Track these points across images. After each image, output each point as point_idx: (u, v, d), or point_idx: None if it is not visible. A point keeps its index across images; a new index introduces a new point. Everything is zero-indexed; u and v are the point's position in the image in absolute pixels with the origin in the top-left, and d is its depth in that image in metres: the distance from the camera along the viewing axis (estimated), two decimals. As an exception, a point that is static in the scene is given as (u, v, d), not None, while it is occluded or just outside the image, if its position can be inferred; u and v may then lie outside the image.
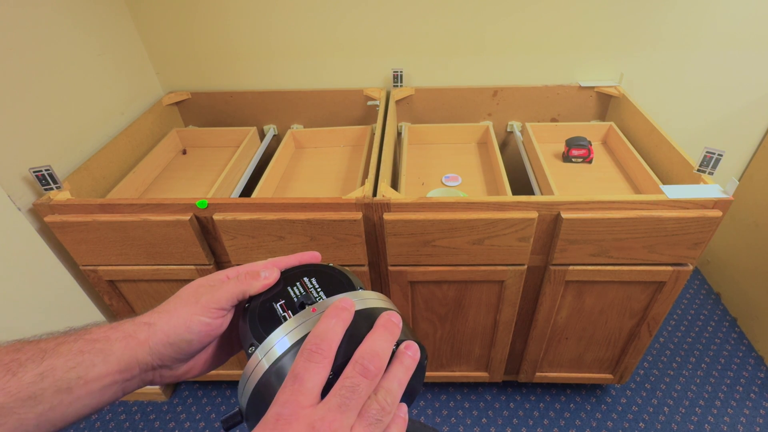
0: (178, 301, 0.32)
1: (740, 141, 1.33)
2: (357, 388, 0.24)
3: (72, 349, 0.29)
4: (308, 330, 0.27)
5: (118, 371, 0.29)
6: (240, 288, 0.32)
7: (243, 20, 1.16)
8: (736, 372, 1.29)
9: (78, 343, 0.29)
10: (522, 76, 1.23)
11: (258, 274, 0.32)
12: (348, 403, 0.23)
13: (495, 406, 1.24)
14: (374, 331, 0.27)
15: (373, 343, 0.26)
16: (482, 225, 0.80)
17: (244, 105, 1.29)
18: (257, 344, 0.28)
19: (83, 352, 0.29)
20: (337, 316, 0.26)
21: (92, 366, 0.29)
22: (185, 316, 0.31)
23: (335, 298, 0.30)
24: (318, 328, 0.26)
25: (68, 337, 0.30)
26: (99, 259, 0.90)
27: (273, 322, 0.29)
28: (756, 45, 1.14)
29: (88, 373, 0.28)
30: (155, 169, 1.13)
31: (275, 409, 0.24)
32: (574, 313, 0.98)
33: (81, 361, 0.28)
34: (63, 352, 0.28)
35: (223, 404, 1.26)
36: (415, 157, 1.17)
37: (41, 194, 0.87)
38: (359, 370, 0.24)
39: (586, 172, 1.07)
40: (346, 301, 0.28)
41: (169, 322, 0.31)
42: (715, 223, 0.78)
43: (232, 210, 0.83)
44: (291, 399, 0.24)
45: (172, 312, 0.31)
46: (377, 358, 0.25)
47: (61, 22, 0.95)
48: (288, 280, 0.32)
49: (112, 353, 0.29)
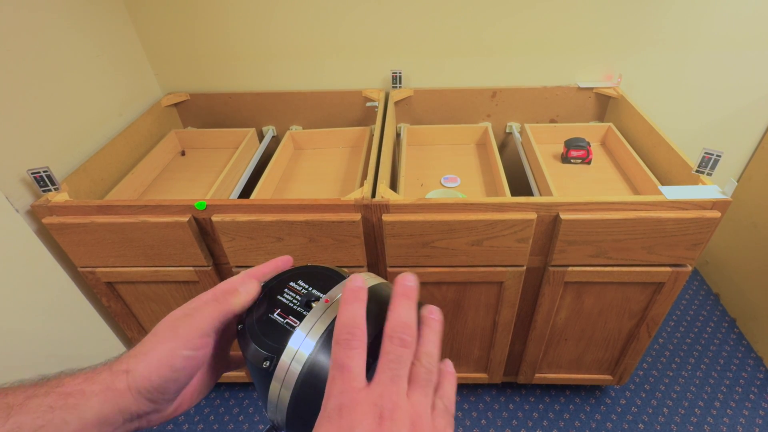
0: (155, 340, 0.29)
1: (739, 142, 1.33)
2: (401, 359, 0.25)
3: (42, 404, 0.26)
4: (328, 322, 0.27)
5: (96, 425, 0.27)
6: (220, 309, 0.30)
7: (242, 21, 1.16)
8: (735, 372, 1.29)
9: (49, 398, 0.26)
10: (521, 77, 1.23)
11: (236, 291, 0.30)
12: (398, 374, 0.24)
13: (494, 407, 1.24)
14: (397, 302, 0.27)
15: (401, 314, 0.26)
16: (481, 226, 0.80)
17: (243, 106, 1.29)
18: (275, 356, 0.27)
19: (54, 409, 0.26)
20: (356, 298, 0.26)
21: (64, 424, 0.26)
22: (165, 354, 0.28)
23: (342, 284, 0.29)
24: (344, 316, 0.26)
25: (38, 389, 0.27)
26: (97, 260, 0.90)
27: (280, 331, 0.29)
28: (754, 46, 1.14)
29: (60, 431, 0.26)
30: (154, 171, 1.13)
31: (333, 401, 0.24)
32: (573, 314, 0.98)
33: (51, 419, 0.26)
34: (32, 408, 0.26)
35: (222, 407, 1.26)
36: (414, 158, 1.17)
37: (39, 196, 0.86)
38: (398, 343, 0.25)
39: (585, 173, 1.07)
40: (357, 280, 0.27)
41: (149, 365, 0.28)
42: (713, 223, 0.78)
43: (230, 211, 0.83)
44: (346, 387, 0.24)
45: (149, 353, 0.29)
46: (408, 327, 0.26)
47: (59, 24, 0.95)
48: (274, 291, 0.32)
49: (88, 408, 0.27)
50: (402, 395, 0.24)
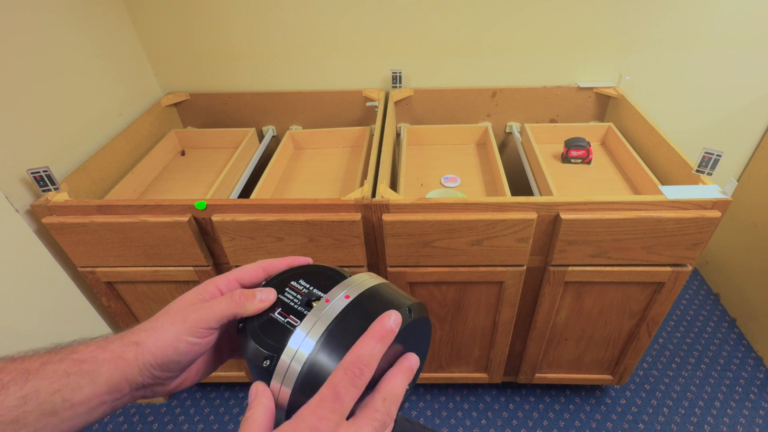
0: (166, 319, 0.31)
1: (739, 141, 1.33)
2: (385, 425, 0.26)
3: (57, 370, 0.28)
4: (328, 322, 0.27)
5: (106, 392, 0.29)
6: (232, 310, 0.30)
7: (242, 21, 1.16)
8: (735, 372, 1.29)
9: (64, 364, 0.28)
10: (521, 77, 1.23)
11: (254, 296, 0.31)
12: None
13: (494, 407, 1.24)
14: (396, 372, 0.28)
15: (396, 386, 0.27)
16: (481, 226, 0.80)
17: (243, 106, 1.29)
18: (275, 355, 0.27)
19: (69, 374, 0.28)
20: (383, 339, 0.26)
21: (78, 389, 0.28)
22: (172, 336, 0.30)
23: (344, 283, 0.30)
24: (364, 350, 0.26)
25: (53, 356, 0.28)
26: (97, 260, 0.90)
27: (280, 330, 0.29)
28: (754, 45, 1.14)
29: (75, 396, 0.27)
30: (154, 171, 1.13)
31: (311, 420, 0.24)
32: (574, 313, 0.98)
33: (66, 383, 0.27)
34: (48, 373, 0.27)
35: (222, 407, 1.26)
36: (414, 158, 1.17)
37: (39, 195, 0.86)
38: (387, 409, 0.26)
39: (585, 173, 1.07)
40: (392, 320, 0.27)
41: (156, 342, 0.29)
42: (713, 223, 0.78)
43: (230, 211, 0.83)
44: (330, 416, 0.24)
45: (159, 330, 0.30)
46: (398, 401, 0.27)
47: (59, 23, 0.95)
48: (275, 289, 0.32)
49: (99, 375, 0.28)
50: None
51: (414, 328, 0.29)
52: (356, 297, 0.28)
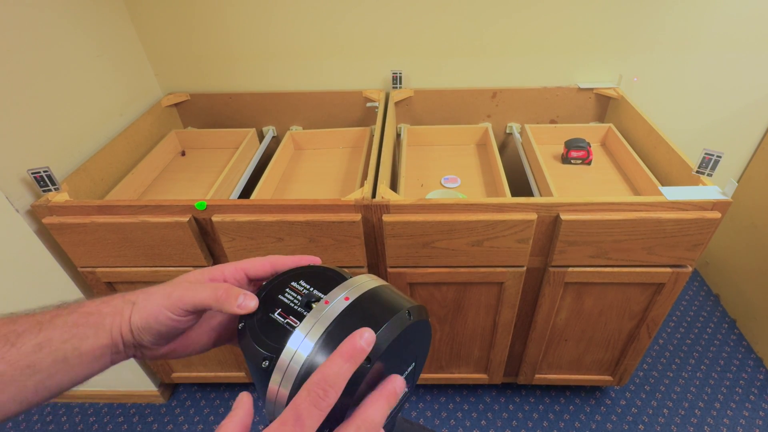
0: (162, 287, 0.32)
1: (739, 142, 1.33)
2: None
3: (67, 321, 0.30)
4: (327, 324, 0.27)
5: (108, 344, 0.31)
6: (209, 302, 0.31)
7: (242, 22, 1.16)
8: (736, 373, 1.29)
9: (73, 316, 0.30)
10: (521, 77, 1.23)
11: (235, 298, 0.30)
12: None
13: (494, 408, 1.24)
14: (377, 399, 0.26)
15: (375, 413, 0.25)
16: (481, 226, 0.80)
17: (243, 106, 1.29)
18: (275, 356, 0.27)
19: (78, 325, 0.30)
20: (351, 358, 0.24)
21: (86, 338, 0.30)
22: (156, 305, 0.31)
23: (344, 285, 0.30)
24: (329, 369, 0.24)
25: (63, 310, 0.31)
26: (97, 260, 0.90)
27: (280, 331, 0.29)
28: (754, 46, 1.14)
29: (82, 344, 0.30)
30: (154, 171, 1.13)
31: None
32: (574, 314, 0.98)
33: (76, 333, 0.30)
34: (59, 324, 0.30)
35: (222, 407, 1.26)
36: (414, 159, 1.17)
37: (39, 196, 0.86)
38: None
39: (585, 174, 1.07)
40: (362, 338, 0.25)
41: (146, 307, 0.31)
42: (714, 224, 0.78)
43: (230, 211, 0.83)
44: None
45: (151, 297, 0.32)
46: (377, 428, 0.25)
47: (59, 23, 0.95)
48: (275, 290, 0.32)
49: (103, 327, 0.31)
50: None
51: (413, 331, 0.29)
52: (355, 299, 0.28)
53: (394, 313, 0.28)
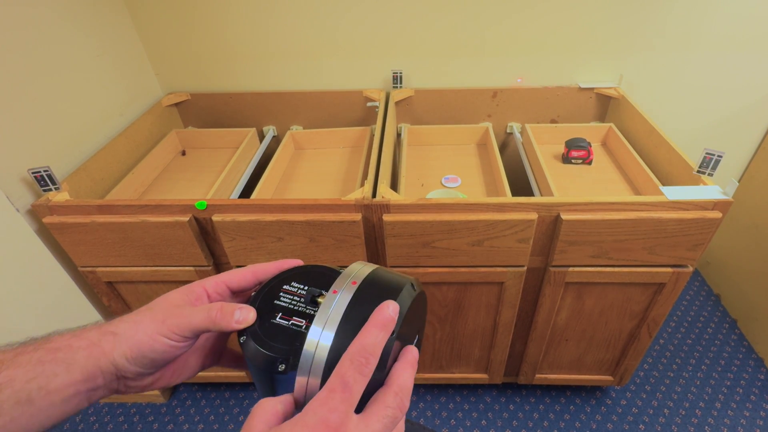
0: (147, 314, 0.30)
1: (740, 142, 1.33)
2: (395, 419, 0.26)
3: (32, 359, 0.28)
4: (343, 309, 0.27)
5: (81, 381, 0.28)
6: (206, 324, 0.30)
7: (243, 21, 1.16)
8: (736, 374, 1.29)
9: (38, 353, 0.28)
10: (521, 77, 1.23)
11: (231, 314, 0.30)
12: (386, 430, 0.25)
13: (494, 408, 1.24)
14: (404, 366, 0.28)
15: (407, 380, 0.27)
16: (482, 226, 0.80)
17: (244, 106, 1.29)
18: (289, 357, 0.28)
19: (43, 362, 0.28)
20: (385, 327, 0.26)
21: (54, 376, 0.27)
22: (150, 333, 0.29)
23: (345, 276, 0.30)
24: (368, 339, 0.26)
25: (27, 347, 0.28)
26: (97, 260, 0.90)
27: (288, 333, 0.29)
28: (755, 46, 1.14)
29: (50, 383, 0.27)
30: (154, 170, 1.13)
31: (322, 412, 0.24)
32: (574, 314, 0.98)
33: (41, 371, 0.27)
34: (22, 362, 0.27)
35: (222, 407, 1.26)
36: (415, 159, 1.17)
37: (40, 195, 0.86)
38: (399, 404, 0.26)
39: (586, 174, 1.07)
40: (391, 309, 0.27)
41: (134, 336, 0.29)
42: (714, 224, 0.77)
43: (231, 211, 0.83)
44: (340, 407, 0.24)
45: (139, 325, 0.30)
46: (410, 393, 0.27)
47: (60, 23, 0.95)
48: (269, 297, 0.32)
49: (74, 362, 0.28)
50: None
51: (417, 302, 0.31)
52: (361, 283, 0.29)
53: (401, 287, 0.29)
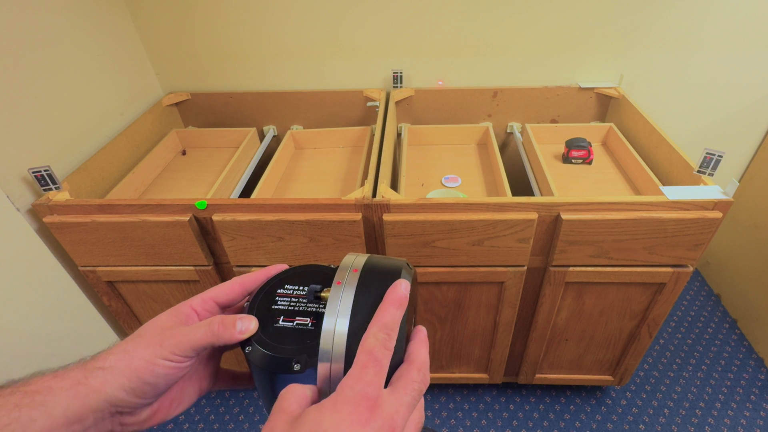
0: (140, 341, 0.29)
1: (740, 142, 1.33)
2: (421, 392, 0.27)
3: (7, 403, 0.26)
4: (352, 297, 0.28)
5: (64, 424, 0.26)
6: (208, 339, 0.29)
7: (243, 21, 1.16)
8: (737, 374, 1.29)
9: (14, 397, 0.26)
10: (522, 77, 1.23)
11: (233, 326, 0.29)
12: (413, 403, 0.27)
13: (494, 407, 1.24)
14: (419, 345, 0.29)
15: (425, 356, 0.29)
16: (482, 226, 0.80)
17: (244, 106, 1.29)
18: (303, 355, 0.28)
19: (20, 407, 0.26)
20: (400, 305, 0.28)
21: (31, 422, 0.25)
22: (148, 358, 0.28)
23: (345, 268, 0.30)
24: (387, 317, 0.27)
25: (4, 390, 0.27)
26: (98, 259, 0.90)
27: (296, 333, 0.30)
28: (755, 46, 1.14)
29: (27, 430, 0.25)
30: (155, 170, 1.13)
31: (359, 387, 0.25)
32: (574, 314, 0.98)
33: (17, 416, 0.25)
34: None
35: (222, 406, 1.26)
36: (415, 158, 1.17)
37: (40, 195, 0.87)
38: (422, 378, 0.27)
39: (586, 173, 1.07)
40: (404, 287, 0.28)
41: (130, 364, 0.28)
42: (715, 224, 0.77)
43: (231, 211, 0.83)
44: (375, 381, 0.25)
45: (132, 353, 0.28)
46: (428, 367, 0.29)
47: (60, 23, 0.95)
48: (264, 304, 0.32)
49: (56, 405, 0.26)
50: (406, 419, 0.26)
51: (414, 280, 0.32)
52: (362, 270, 0.30)
53: (399, 268, 0.30)
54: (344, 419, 0.23)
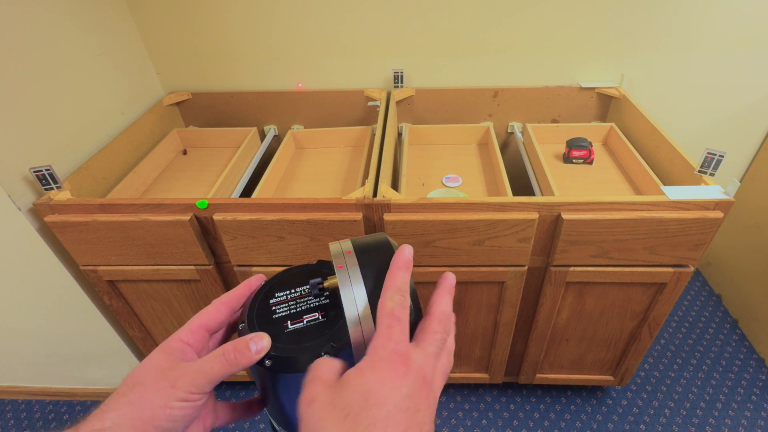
0: (143, 390, 0.27)
1: (741, 142, 1.33)
2: (444, 341, 0.29)
3: None
4: (359, 273, 0.29)
5: None
6: (226, 370, 0.28)
7: (244, 20, 1.16)
8: (737, 374, 1.29)
9: None
10: (523, 76, 1.22)
11: (247, 348, 0.28)
12: (439, 352, 0.29)
13: (495, 407, 1.24)
14: (442, 294, 0.31)
15: (446, 305, 0.31)
16: (483, 226, 0.80)
17: (245, 105, 1.29)
18: (332, 341, 0.29)
19: None
20: (408, 267, 0.30)
21: None
22: (161, 404, 0.26)
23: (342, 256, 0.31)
24: (398, 279, 0.29)
25: None
26: (99, 259, 0.90)
27: (311, 330, 0.30)
28: (757, 46, 1.14)
29: None
30: (156, 170, 1.13)
31: (391, 345, 0.26)
32: (575, 314, 0.98)
33: None
34: None
35: (223, 405, 1.26)
36: (416, 158, 1.17)
37: (41, 194, 0.87)
38: (444, 328, 0.29)
39: (587, 173, 1.07)
40: (407, 251, 0.30)
41: (141, 416, 0.26)
42: (716, 224, 0.77)
43: (232, 210, 0.83)
44: (402, 338, 0.27)
45: (139, 404, 0.26)
46: (451, 318, 0.31)
47: (61, 22, 0.95)
48: (262, 317, 0.31)
49: None
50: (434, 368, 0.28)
51: None
52: (355, 251, 0.31)
53: (386, 239, 0.32)
54: (385, 376, 0.25)
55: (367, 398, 0.24)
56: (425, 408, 0.25)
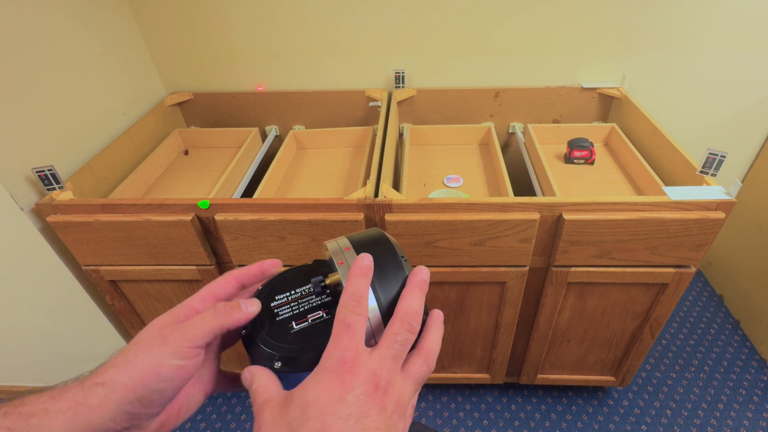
0: (139, 348, 0.27)
1: (743, 142, 1.32)
2: (406, 342, 0.28)
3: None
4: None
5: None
6: (218, 322, 0.28)
7: (245, 21, 1.16)
8: (739, 375, 1.29)
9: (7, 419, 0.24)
10: (524, 77, 1.22)
11: (239, 306, 0.29)
12: (400, 354, 0.27)
13: (496, 408, 1.24)
14: (411, 291, 0.29)
15: (413, 302, 0.29)
16: (484, 226, 0.80)
17: (246, 106, 1.29)
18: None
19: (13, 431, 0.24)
20: (364, 275, 0.29)
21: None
22: (153, 362, 0.26)
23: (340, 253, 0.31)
24: (353, 287, 0.28)
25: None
26: (101, 259, 0.90)
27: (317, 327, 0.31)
28: (759, 46, 1.14)
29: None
30: (157, 170, 1.14)
31: (337, 353, 0.26)
32: (576, 314, 0.98)
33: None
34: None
35: (224, 405, 1.26)
36: (417, 158, 1.17)
37: (44, 194, 0.87)
38: (407, 327, 0.28)
39: (588, 174, 1.07)
40: (365, 259, 0.29)
41: (133, 373, 0.26)
42: (717, 224, 0.77)
43: (233, 210, 0.83)
44: (350, 345, 0.26)
45: (133, 361, 0.27)
46: (418, 315, 0.29)
47: (63, 23, 0.95)
48: (266, 320, 0.32)
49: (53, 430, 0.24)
50: (398, 374, 0.27)
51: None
52: (353, 247, 0.31)
53: (381, 233, 0.32)
54: (324, 387, 0.25)
55: (305, 411, 0.24)
56: (377, 413, 0.25)
